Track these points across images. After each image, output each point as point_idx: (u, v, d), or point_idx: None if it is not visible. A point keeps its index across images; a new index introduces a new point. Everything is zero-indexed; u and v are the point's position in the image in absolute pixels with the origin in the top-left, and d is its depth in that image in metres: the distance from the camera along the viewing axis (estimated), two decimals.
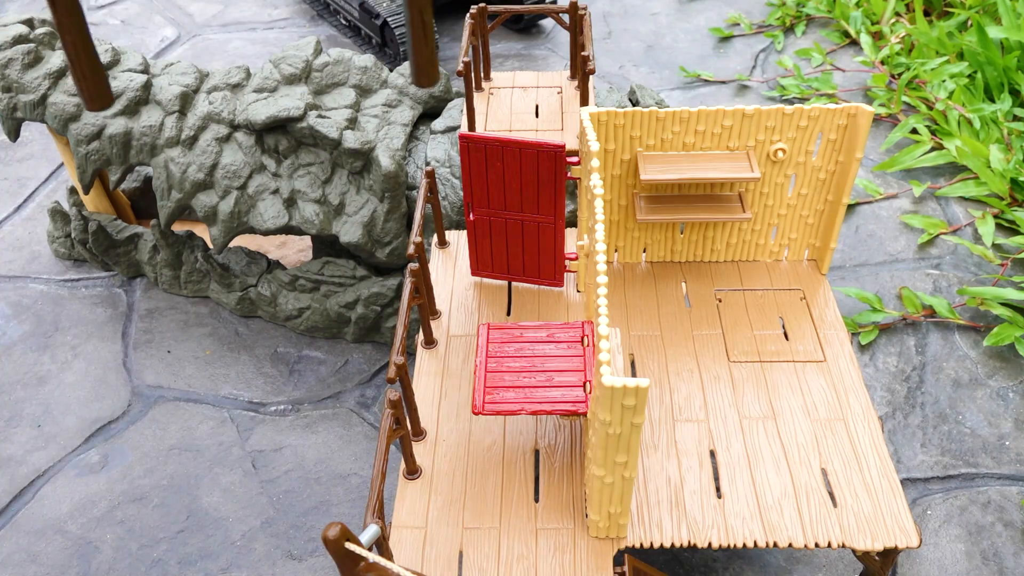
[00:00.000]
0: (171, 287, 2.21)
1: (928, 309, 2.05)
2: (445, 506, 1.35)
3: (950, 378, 1.93)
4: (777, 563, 1.62)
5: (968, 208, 2.33)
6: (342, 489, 1.79)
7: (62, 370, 2.05)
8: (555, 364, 1.37)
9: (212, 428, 1.91)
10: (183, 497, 1.78)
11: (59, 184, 2.61)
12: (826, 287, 1.69)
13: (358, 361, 2.05)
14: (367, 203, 1.93)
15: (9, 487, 1.82)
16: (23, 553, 1.71)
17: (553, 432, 1.45)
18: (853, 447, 1.42)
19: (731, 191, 1.64)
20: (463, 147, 1.50)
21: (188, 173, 1.94)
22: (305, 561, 1.67)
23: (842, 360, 1.55)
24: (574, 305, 1.67)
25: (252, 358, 2.06)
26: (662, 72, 2.97)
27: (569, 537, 1.31)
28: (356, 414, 1.93)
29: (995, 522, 1.68)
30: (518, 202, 1.57)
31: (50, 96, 1.97)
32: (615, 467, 1.18)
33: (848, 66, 2.90)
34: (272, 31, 3.29)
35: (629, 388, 1.07)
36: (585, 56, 1.83)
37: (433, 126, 2.07)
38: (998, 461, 1.78)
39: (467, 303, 1.68)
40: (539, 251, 1.63)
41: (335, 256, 2.09)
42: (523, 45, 3.14)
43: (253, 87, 2.01)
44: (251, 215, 1.95)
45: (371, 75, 2.07)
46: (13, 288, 2.27)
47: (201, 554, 1.69)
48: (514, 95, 2.05)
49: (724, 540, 1.31)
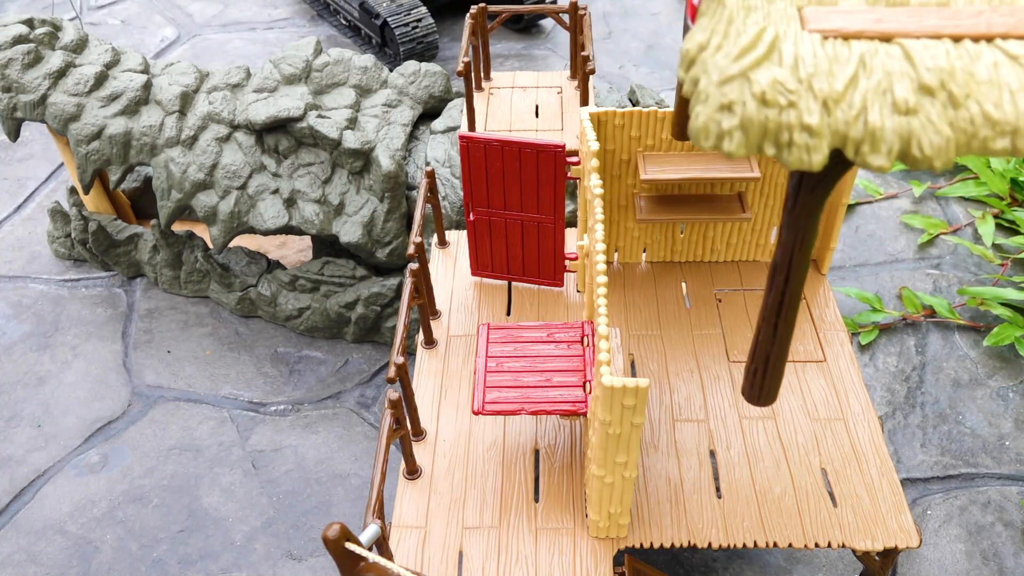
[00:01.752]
0: (171, 287, 2.21)
1: (928, 309, 2.05)
2: (445, 506, 1.35)
3: (950, 378, 1.93)
4: (777, 563, 1.62)
5: (968, 208, 2.33)
6: (342, 489, 1.79)
7: (62, 370, 2.05)
8: (555, 364, 1.37)
9: (212, 428, 1.91)
10: (183, 497, 1.78)
11: (59, 184, 2.61)
12: (826, 287, 1.69)
13: (358, 361, 2.05)
14: (367, 203, 1.93)
15: (9, 487, 1.82)
16: (23, 553, 1.71)
17: (553, 432, 1.45)
18: (853, 447, 1.42)
19: (731, 191, 1.64)
20: (463, 147, 1.50)
21: (188, 173, 1.94)
22: (305, 561, 1.67)
23: (842, 360, 1.55)
24: (574, 305, 1.67)
25: (252, 358, 2.06)
26: (662, 72, 2.97)
27: (569, 537, 1.31)
28: (356, 414, 1.93)
29: (995, 522, 1.68)
30: (518, 202, 1.57)
31: (50, 96, 1.97)
32: (615, 467, 1.18)
33: None
34: (272, 31, 3.29)
35: (629, 388, 1.07)
36: (585, 56, 1.83)
37: (433, 126, 2.07)
38: (998, 461, 1.78)
39: (467, 303, 1.68)
40: (539, 251, 1.63)
41: (335, 256, 2.09)
42: (523, 45, 3.14)
43: (253, 87, 2.01)
44: (251, 215, 1.95)
45: (371, 75, 2.07)
46: (13, 288, 2.27)
47: (201, 554, 1.69)
48: (514, 95, 2.05)
49: (724, 540, 1.31)
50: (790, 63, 0.69)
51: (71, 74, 1.99)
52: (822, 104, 0.68)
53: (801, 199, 0.78)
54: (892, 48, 0.71)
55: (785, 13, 0.73)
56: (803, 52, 0.70)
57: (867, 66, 0.70)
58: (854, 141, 0.68)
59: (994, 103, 0.68)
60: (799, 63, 0.70)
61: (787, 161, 0.68)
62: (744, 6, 0.74)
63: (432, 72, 2.12)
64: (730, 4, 0.74)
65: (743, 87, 0.69)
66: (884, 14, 0.73)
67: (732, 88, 0.69)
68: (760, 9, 0.74)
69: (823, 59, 0.70)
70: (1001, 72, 0.70)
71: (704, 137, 0.69)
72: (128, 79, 2.01)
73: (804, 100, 0.68)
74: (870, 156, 0.67)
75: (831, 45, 0.71)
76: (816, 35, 0.72)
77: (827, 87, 0.68)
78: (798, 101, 0.68)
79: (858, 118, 0.68)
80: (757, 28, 0.72)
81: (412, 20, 2.87)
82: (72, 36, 2.05)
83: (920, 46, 0.71)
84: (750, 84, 0.69)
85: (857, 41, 0.71)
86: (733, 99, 0.69)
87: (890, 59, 0.70)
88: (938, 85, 0.69)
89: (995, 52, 0.71)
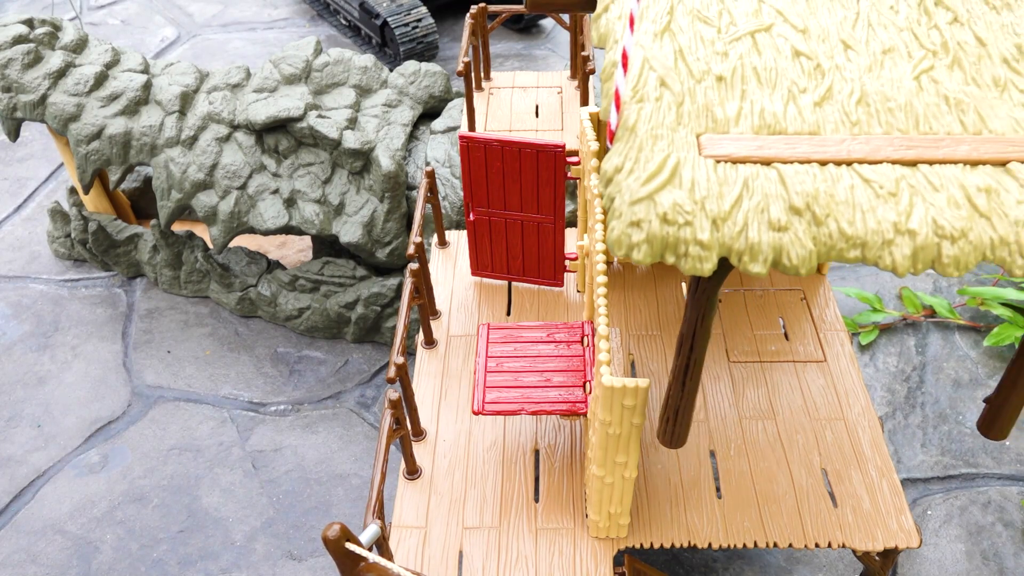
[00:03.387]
0: (171, 287, 2.21)
1: (928, 309, 2.05)
2: (445, 506, 1.35)
3: (950, 378, 1.93)
4: (777, 563, 1.62)
5: None
6: (342, 489, 1.79)
7: (62, 370, 2.05)
8: (555, 364, 1.37)
9: (212, 428, 1.91)
10: (183, 497, 1.78)
11: (59, 184, 2.61)
12: (826, 287, 1.69)
13: (358, 361, 2.05)
14: (367, 203, 1.93)
15: (9, 487, 1.82)
16: (23, 553, 1.71)
17: (553, 432, 1.45)
18: (853, 447, 1.42)
19: None
20: (463, 147, 1.50)
21: (188, 173, 1.94)
22: (305, 561, 1.67)
23: (842, 360, 1.55)
24: (574, 305, 1.67)
25: (252, 358, 2.06)
26: None
27: (569, 537, 1.31)
28: (356, 414, 1.93)
29: (995, 522, 1.68)
30: (518, 202, 1.57)
31: (50, 96, 1.97)
32: (615, 467, 1.18)
33: None
34: (272, 31, 3.29)
35: (629, 388, 1.07)
36: (585, 56, 1.83)
37: (433, 126, 2.07)
38: (998, 461, 1.78)
39: (467, 303, 1.68)
40: (539, 251, 1.63)
41: (335, 256, 2.09)
42: (523, 45, 3.14)
43: (253, 87, 2.01)
44: (251, 215, 1.95)
45: (371, 75, 2.07)
46: (13, 288, 2.27)
47: (201, 554, 1.69)
48: (514, 95, 2.05)
49: (724, 540, 1.31)
50: (688, 186, 0.84)
51: (71, 74, 1.99)
52: (712, 222, 0.82)
53: (700, 287, 0.93)
54: (770, 171, 0.86)
55: (686, 140, 0.88)
56: (699, 176, 0.85)
57: (749, 188, 0.84)
58: (737, 252, 0.82)
59: (848, 221, 0.83)
60: (695, 186, 0.84)
61: (683, 268, 0.83)
62: (652, 135, 0.88)
63: (432, 72, 2.12)
64: (641, 133, 0.88)
65: (649, 208, 0.83)
66: (765, 142, 0.88)
67: (640, 208, 0.83)
68: (665, 137, 0.88)
69: (715, 182, 0.85)
70: (855, 194, 0.84)
71: (618, 247, 0.84)
72: (128, 79, 2.01)
73: (698, 219, 0.82)
74: (750, 265, 0.82)
75: (722, 168, 0.86)
76: (710, 160, 0.86)
77: (716, 208, 0.83)
78: (693, 220, 0.82)
79: (740, 234, 0.82)
80: (663, 155, 0.86)
81: (412, 20, 2.87)
82: (72, 36, 2.05)
83: (792, 171, 0.86)
84: (655, 205, 0.83)
85: (743, 165, 0.86)
86: (641, 218, 0.83)
87: (768, 182, 0.85)
88: (804, 206, 0.83)
89: (853, 175, 0.86)
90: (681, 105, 0.91)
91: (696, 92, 0.92)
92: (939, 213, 0.83)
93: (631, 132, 0.89)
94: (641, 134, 0.88)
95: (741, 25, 0.97)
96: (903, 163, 0.87)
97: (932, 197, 0.84)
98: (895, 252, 0.82)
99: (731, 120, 0.90)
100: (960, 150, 0.87)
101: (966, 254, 0.82)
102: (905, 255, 0.82)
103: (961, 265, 0.83)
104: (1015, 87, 0.93)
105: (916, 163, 0.87)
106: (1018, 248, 0.82)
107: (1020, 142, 0.88)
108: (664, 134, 0.88)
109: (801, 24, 0.98)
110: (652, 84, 0.92)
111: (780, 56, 0.95)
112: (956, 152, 0.87)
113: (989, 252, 0.83)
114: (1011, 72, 0.94)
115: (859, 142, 0.88)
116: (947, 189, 0.84)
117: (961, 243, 0.82)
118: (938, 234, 0.82)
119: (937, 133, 0.89)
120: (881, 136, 0.89)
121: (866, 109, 0.91)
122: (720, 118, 0.90)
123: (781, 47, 0.95)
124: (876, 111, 0.91)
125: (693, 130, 0.89)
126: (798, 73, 0.94)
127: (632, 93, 0.91)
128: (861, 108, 0.91)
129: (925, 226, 0.82)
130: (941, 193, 0.84)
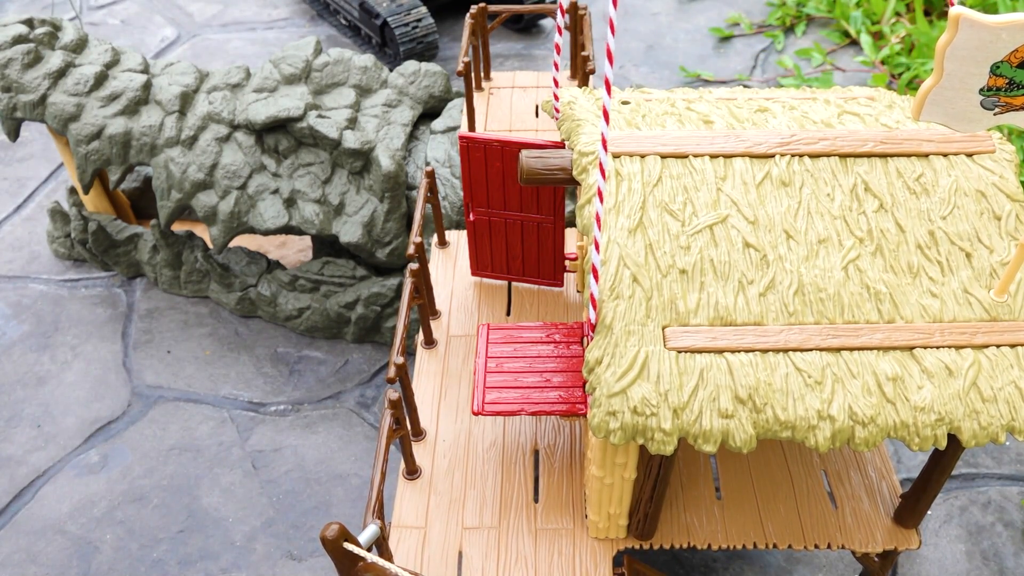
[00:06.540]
0: (171, 287, 2.21)
1: None
2: (445, 506, 1.35)
3: None
4: (777, 563, 1.62)
5: None
6: (342, 489, 1.79)
7: (62, 370, 2.05)
8: (555, 364, 1.37)
9: (212, 428, 1.91)
10: (183, 497, 1.78)
11: (59, 184, 2.61)
12: None
13: (358, 361, 2.05)
14: (367, 203, 1.93)
15: (9, 487, 1.82)
16: (23, 553, 1.71)
17: (553, 432, 1.45)
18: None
19: None
20: (463, 147, 1.50)
21: (188, 173, 1.94)
22: (305, 561, 1.67)
23: None
24: (574, 305, 1.67)
25: (252, 358, 2.06)
26: (662, 72, 2.97)
27: (569, 537, 1.31)
28: (356, 414, 1.93)
29: (995, 522, 1.68)
30: (518, 202, 1.57)
31: (50, 96, 1.97)
32: (615, 468, 1.18)
33: (848, 66, 2.90)
34: (272, 31, 3.29)
35: None
36: (585, 56, 1.83)
37: (433, 126, 2.07)
38: (998, 461, 1.78)
39: (467, 303, 1.68)
40: (539, 251, 1.63)
41: (335, 256, 2.09)
42: (523, 45, 3.14)
43: (253, 87, 2.01)
44: (251, 215, 1.95)
45: (371, 75, 2.07)
46: (13, 288, 2.27)
47: (201, 554, 1.69)
48: (514, 95, 2.05)
49: (724, 541, 1.31)
50: (655, 379, 1.02)
51: (71, 74, 1.99)
52: (673, 412, 1.01)
53: None
54: (721, 361, 1.03)
55: (653, 334, 1.05)
56: (663, 370, 1.03)
57: (704, 379, 1.02)
58: (692, 436, 1.02)
59: (782, 407, 1.01)
60: (660, 380, 1.03)
61: (650, 448, 1.02)
62: (626, 331, 1.05)
63: (432, 72, 2.12)
64: (616, 331, 1.05)
65: (623, 401, 1.02)
66: (718, 333, 1.05)
67: (616, 401, 1.02)
68: (636, 333, 1.05)
69: (676, 374, 1.03)
70: (789, 382, 1.02)
71: (599, 432, 1.03)
72: (128, 79, 2.01)
73: (662, 410, 1.02)
74: (703, 445, 1.01)
75: (683, 359, 1.04)
76: (673, 352, 1.04)
77: (677, 399, 1.02)
78: (658, 411, 1.02)
79: (696, 421, 1.01)
80: (634, 351, 1.04)
81: (412, 20, 2.87)
82: (72, 36, 2.05)
83: (739, 362, 1.03)
84: (627, 399, 1.02)
85: (700, 355, 1.04)
86: (616, 409, 1.02)
87: (719, 372, 1.03)
88: (747, 397, 1.02)
89: (788, 363, 1.04)
90: (650, 300, 1.06)
91: (663, 286, 1.07)
92: (855, 401, 1.01)
93: (608, 329, 1.05)
94: (616, 331, 1.05)
95: (702, 218, 1.10)
96: (829, 350, 1.04)
97: (850, 384, 1.02)
98: (818, 434, 1.01)
99: (691, 312, 1.06)
100: (875, 338, 1.05)
101: (874, 435, 1.01)
102: (826, 437, 1.01)
103: (870, 443, 1.01)
104: (925, 273, 1.09)
105: (840, 350, 1.04)
106: (916, 430, 1.01)
107: (925, 329, 1.06)
108: (635, 329, 1.05)
109: (751, 215, 1.11)
110: (626, 282, 1.07)
111: (733, 248, 1.09)
112: (872, 340, 1.05)
113: (893, 432, 1.01)
114: (923, 259, 1.10)
115: (794, 332, 1.05)
116: (862, 376, 1.02)
117: (871, 427, 1.01)
118: (852, 419, 1.01)
119: (858, 322, 1.06)
120: (812, 326, 1.06)
121: (801, 299, 1.07)
122: (682, 310, 1.06)
123: (734, 239, 1.09)
124: (809, 301, 1.07)
125: (659, 323, 1.05)
126: (747, 264, 1.08)
127: (610, 292, 1.06)
128: (798, 299, 1.07)
129: (843, 412, 1.01)
130: (857, 380, 1.02)
